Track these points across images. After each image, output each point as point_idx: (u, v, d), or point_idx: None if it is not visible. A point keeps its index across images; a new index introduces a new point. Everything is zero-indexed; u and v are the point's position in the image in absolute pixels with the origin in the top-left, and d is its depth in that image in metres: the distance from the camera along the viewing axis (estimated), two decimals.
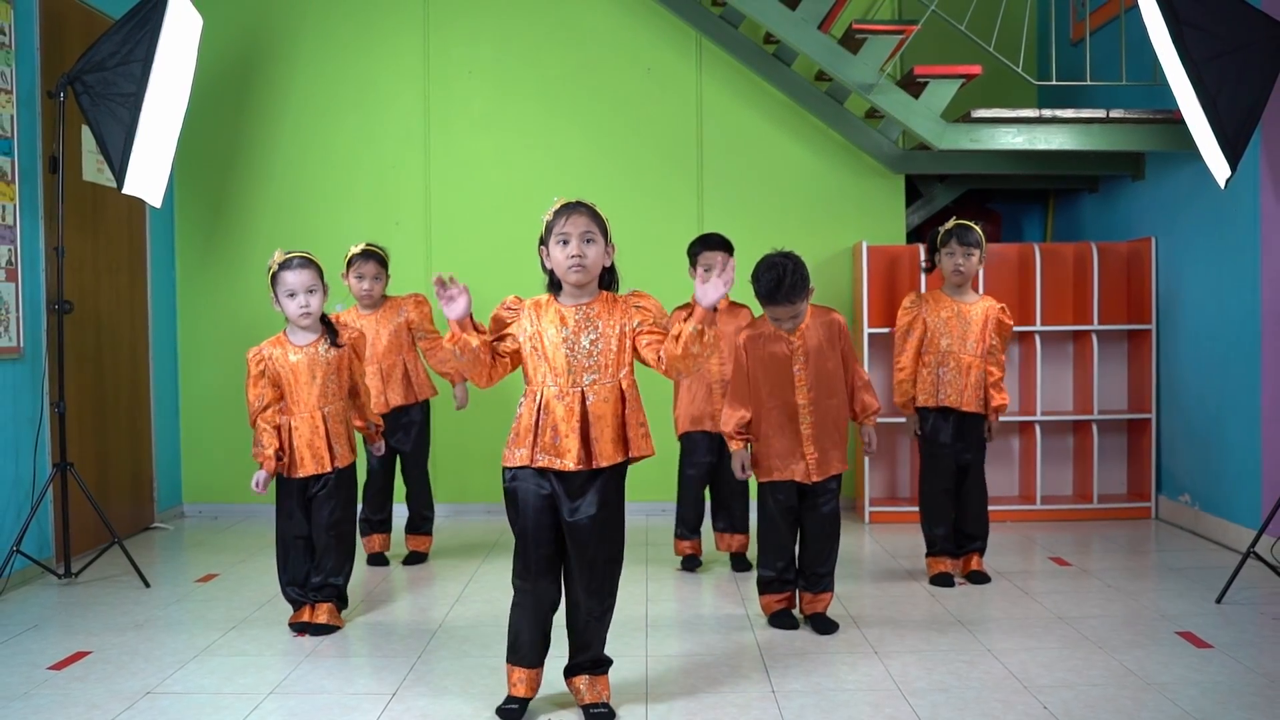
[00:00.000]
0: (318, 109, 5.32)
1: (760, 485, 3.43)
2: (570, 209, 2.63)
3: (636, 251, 5.30)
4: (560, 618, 2.71)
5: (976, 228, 3.90)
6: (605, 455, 2.57)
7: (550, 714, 2.71)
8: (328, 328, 3.41)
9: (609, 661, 2.74)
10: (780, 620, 3.41)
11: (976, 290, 4.00)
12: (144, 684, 2.94)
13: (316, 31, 5.32)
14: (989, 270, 5.10)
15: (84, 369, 4.51)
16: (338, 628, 3.42)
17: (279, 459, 3.31)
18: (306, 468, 3.34)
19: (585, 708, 2.68)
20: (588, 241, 2.60)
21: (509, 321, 2.65)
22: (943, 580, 3.88)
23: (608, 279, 2.70)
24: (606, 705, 2.68)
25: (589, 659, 2.70)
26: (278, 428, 3.34)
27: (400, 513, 4.39)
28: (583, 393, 2.56)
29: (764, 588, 3.46)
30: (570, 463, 2.54)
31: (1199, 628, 3.33)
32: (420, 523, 4.36)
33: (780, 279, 3.20)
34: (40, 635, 3.39)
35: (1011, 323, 3.98)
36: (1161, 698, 2.75)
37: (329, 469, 3.36)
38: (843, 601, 3.69)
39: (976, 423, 3.89)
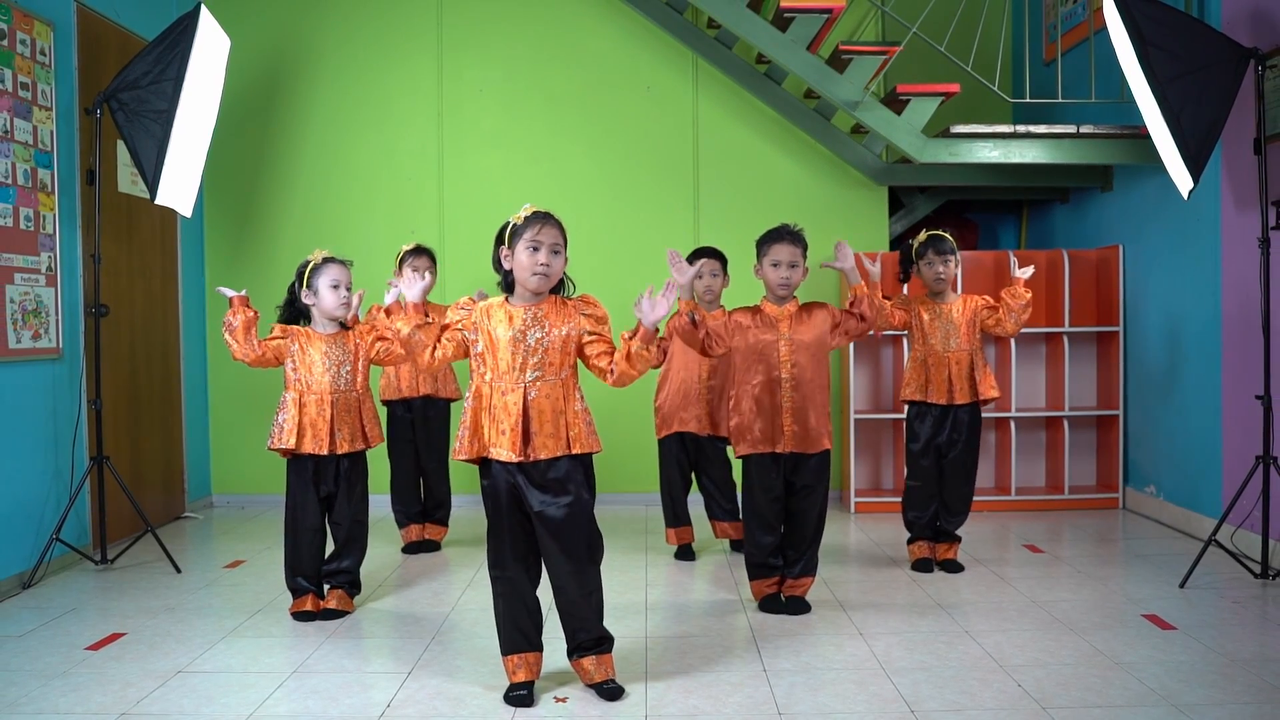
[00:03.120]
0: (339, 125, 5.32)
1: (744, 466, 3.39)
2: (543, 219, 2.62)
3: (635, 260, 5.32)
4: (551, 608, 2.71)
5: (949, 236, 3.88)
6: (545, 448, 2.55)
7: (556, 691, 2.71)
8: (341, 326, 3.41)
9: (611, 639, 2.73)
10: (771, 605, 3.39)
11: (955, 292, 3.99)
12: (175, 663, 2.94)
13: (338, 53, 5.32)
14: (966, 275, 5.10)
15: (119, 368, 4.51)
16: (348, 612, 3.41)
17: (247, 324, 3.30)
18: (306, 445, 3.29)
19: (597, 685, 2.67)
20: (554, 253, 2.60)
21: (459, 318, 2.66)
22: (922, 566, 3.88)
23: (559, 286, 2.70)
24: (615, 681, 2.68)
25: (591, 639, 2.69)
26: (292, 401, 3.32)
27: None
28: (525, 388, 2.56)
29: (753, 572, 3.43)
30: (511, 454, 2.54)
31: (1164, 611, 3.33)
32: (435, 511, 4.37)
33: (786, 226, 3.33)
34: (78, 618, 3.40)
35: (996, 302, 3.90)
36: (1128, 676, 2.75)
37: (325, 451, 3.30)
38: (830, 586, 3.69)
39: (965, 413, 3.86)
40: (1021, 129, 4.73)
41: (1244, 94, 3.79)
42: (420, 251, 4.25)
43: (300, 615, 3.35)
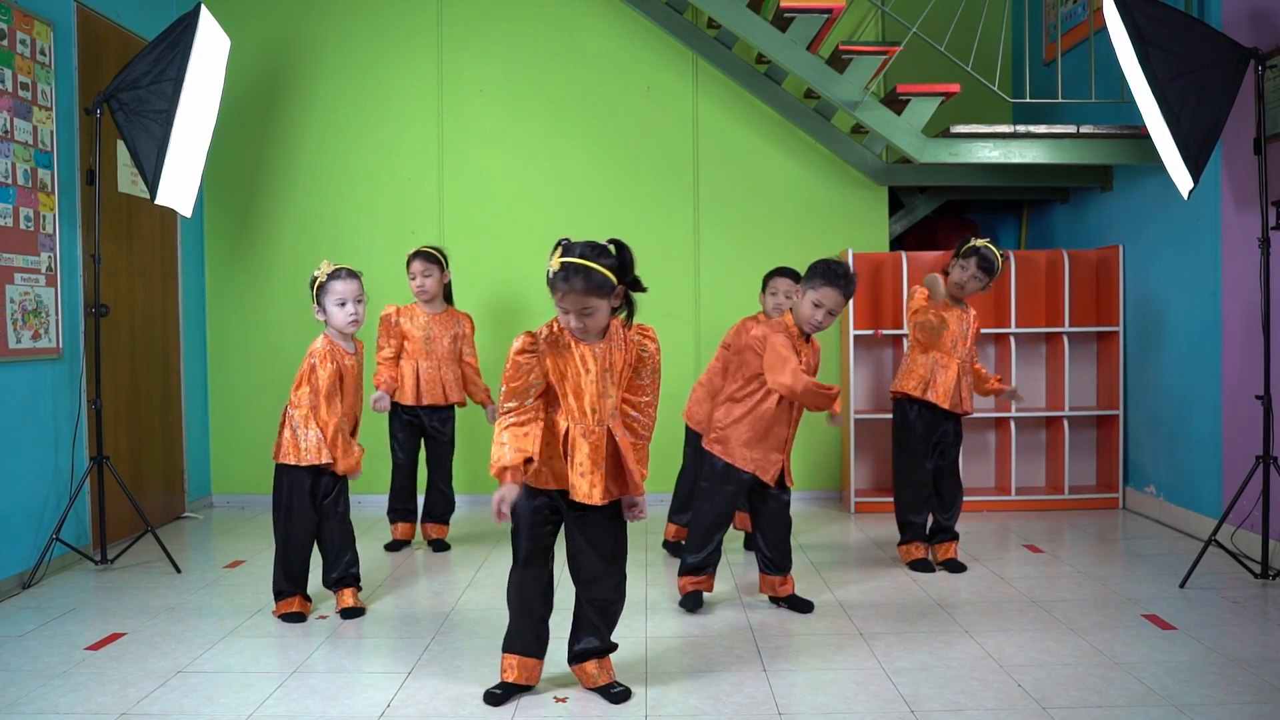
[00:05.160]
0: (339, 125, 5.32)
1: (718, 471, 3.33)
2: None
3: (635, 261, 5.30)
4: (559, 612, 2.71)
5: (999, 259, 3.79)
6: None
7: (556, 692, 2.71)
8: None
9: (615, 644, 2.72)
10: (691, 602, 3.39)
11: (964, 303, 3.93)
12: (175, 663, 2.94)
13: (338, 53, 5.32)
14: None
15: (119, 368, 4.51)
16: (364, 609, 3.41)
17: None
18: (339, 465, 3.29)
19: (602, 689, 2.65)
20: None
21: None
22: (922, 566, 3.87)
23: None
24: (621, 684, 2.66)
25: (600, 646, 2.66)
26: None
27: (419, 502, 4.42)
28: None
29: (687, 570, 3.42)
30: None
31: (1163, 611, 3.33)
32: (443, 512, 4.36)
33: (845, 270, 3.22)
34: (78, 618, 3.40)
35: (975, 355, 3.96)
36: (1128, 676, 2.75)
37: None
38: (830, 586, 3.68)
39: (953, 418, 3.87)
40: (1021, 129, 4.73)
41: (1244, 94, 3.79)
42: (417, 255, 4.20)
43: (288, 617, 3.34)
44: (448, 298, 4.34)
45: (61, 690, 2.74)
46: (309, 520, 3.34)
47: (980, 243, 3.79)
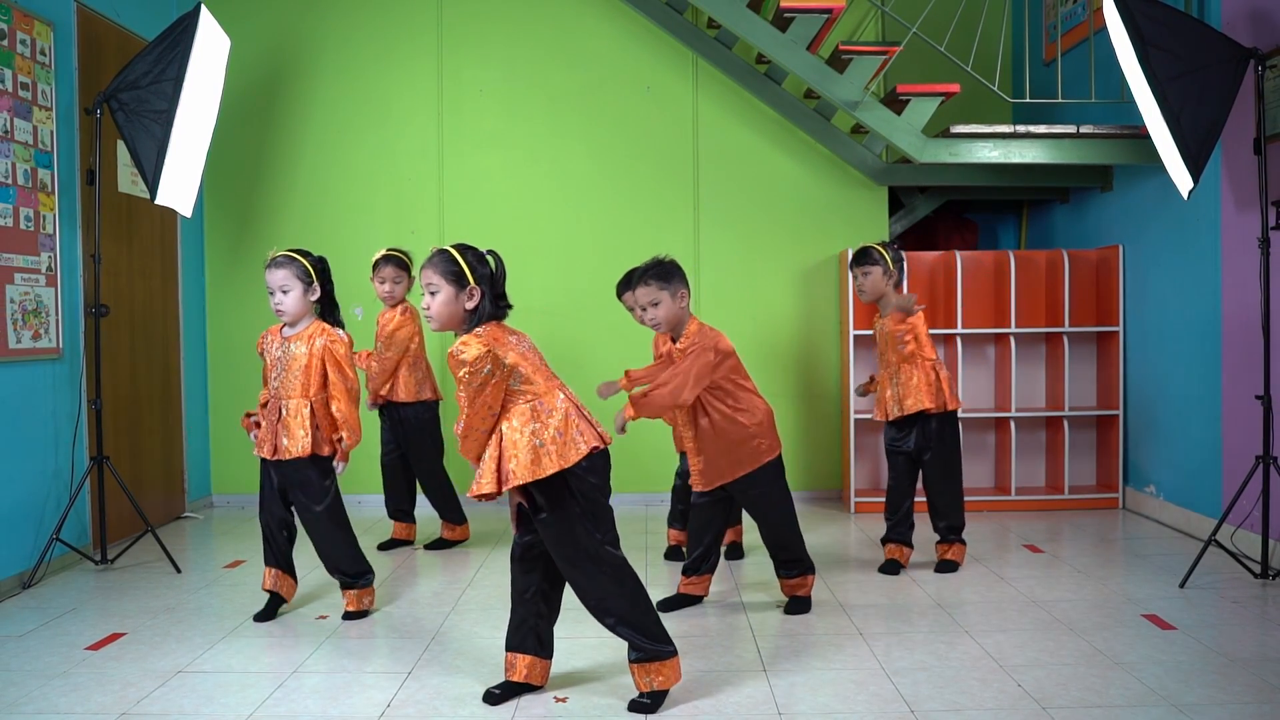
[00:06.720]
0: (339, 125, 5.32)
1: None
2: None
3: (634, 261, 5.30)
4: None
5: (875, 247, 3.77)
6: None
7: (556, 692, 2.71)
8: (332, 319, 3.32)
9: (646, 649, 2.55)
10: (669, 602, 3.44)
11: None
12: (175, 663, 2.94)
13: (338, 53, 5.32)
14: (966, 276, 5.09)
15: (119, 368, 4.51)
16: (367, 611, 3.40)
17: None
18: (264, 450, 3.26)
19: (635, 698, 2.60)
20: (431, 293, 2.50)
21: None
22: (889, 568, 3.87)
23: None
24: (645, 695, 2.58)
25: (630, 645, 2.57)
26: (264, 405, 3.33)
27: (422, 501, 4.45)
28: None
29: (683, 571, 3.49)
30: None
31: (1163, 611, 3.33)
32: (440, 509, 4.35)
33: (645, 265, 3.15)
34: (78, 618, 3.40)
35: (901, 328, 3.71)
36: (1128, 676, 2.75)
37: (271, 456, 3.24)
38: (830, 586, 3.68)
39: (933, 421, 3.80)
40: (1021, 129, 4.73)
41: (1244, 94, 3.79)
42: (385, 260, 4.12)
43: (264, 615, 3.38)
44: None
45: (62, 690, 2.74)
46: (269, 510, 3.34)
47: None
